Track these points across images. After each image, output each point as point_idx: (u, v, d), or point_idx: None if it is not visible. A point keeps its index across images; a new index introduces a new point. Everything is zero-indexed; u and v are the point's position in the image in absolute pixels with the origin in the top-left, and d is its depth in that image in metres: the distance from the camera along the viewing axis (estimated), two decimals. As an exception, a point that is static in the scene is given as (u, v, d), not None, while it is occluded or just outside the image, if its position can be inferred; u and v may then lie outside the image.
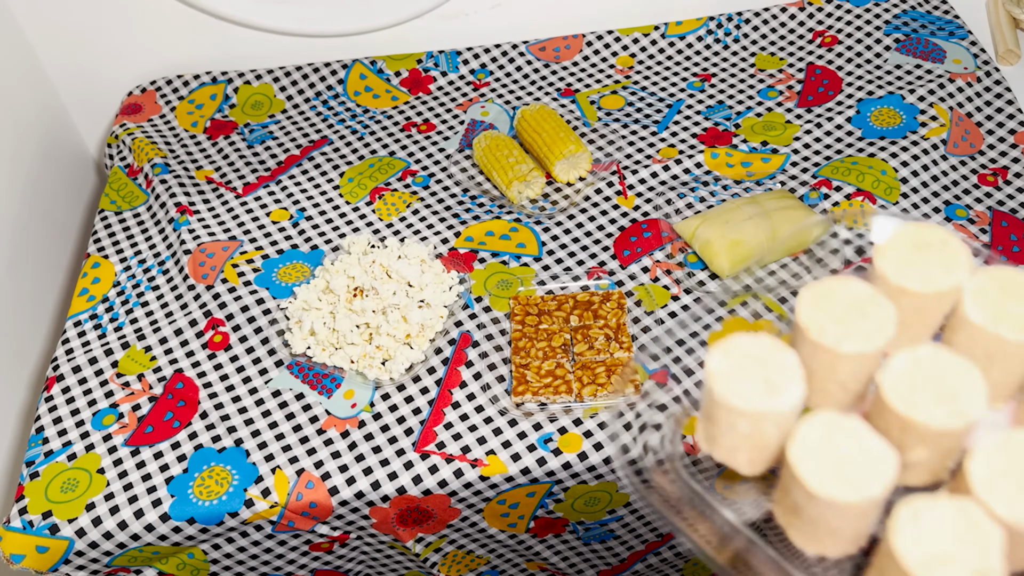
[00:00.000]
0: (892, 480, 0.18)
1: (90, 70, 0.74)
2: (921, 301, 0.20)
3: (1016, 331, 0.19)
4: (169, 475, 0.49)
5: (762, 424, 0.20)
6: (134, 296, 0.60)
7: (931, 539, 0.17)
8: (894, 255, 0.20)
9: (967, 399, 0.18)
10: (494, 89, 0.72)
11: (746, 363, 0.20)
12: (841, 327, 0.20)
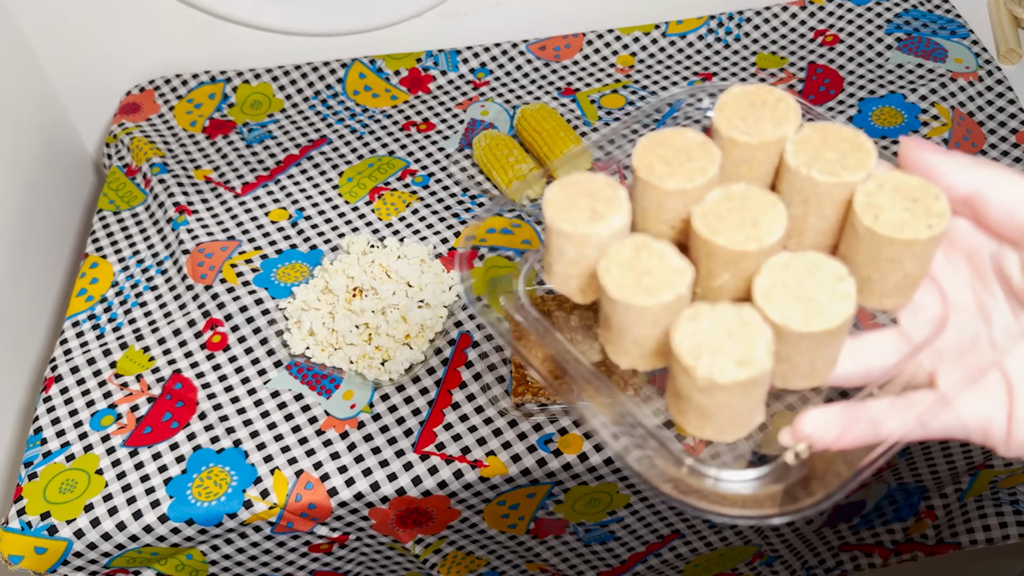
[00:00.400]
0: (685, 291, 0.21)
1: (88, 69, 0.74)
2: (749, 151, 0.22)
3: (826, 174, 0.21)
4: (168, 476, 0.49)
5: (586, 248, 0.22)
6: (132, 296, 0.59)
7: (705, 334, 0.20)
8: (730, 111, 0.23)
9: (766, 227, 0.21)
10: (494, 88, 0.72)
11: (579, 196, 0.22)
12: (667, 167, 0.22)
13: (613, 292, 0.21)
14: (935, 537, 0.61)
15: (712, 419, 0.21)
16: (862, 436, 0.21)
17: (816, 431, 0.21)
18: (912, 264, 0.21)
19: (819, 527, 0.58)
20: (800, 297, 0.20)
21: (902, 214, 0.20)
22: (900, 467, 0.54)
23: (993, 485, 0.58)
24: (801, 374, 0.21)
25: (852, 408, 0.21)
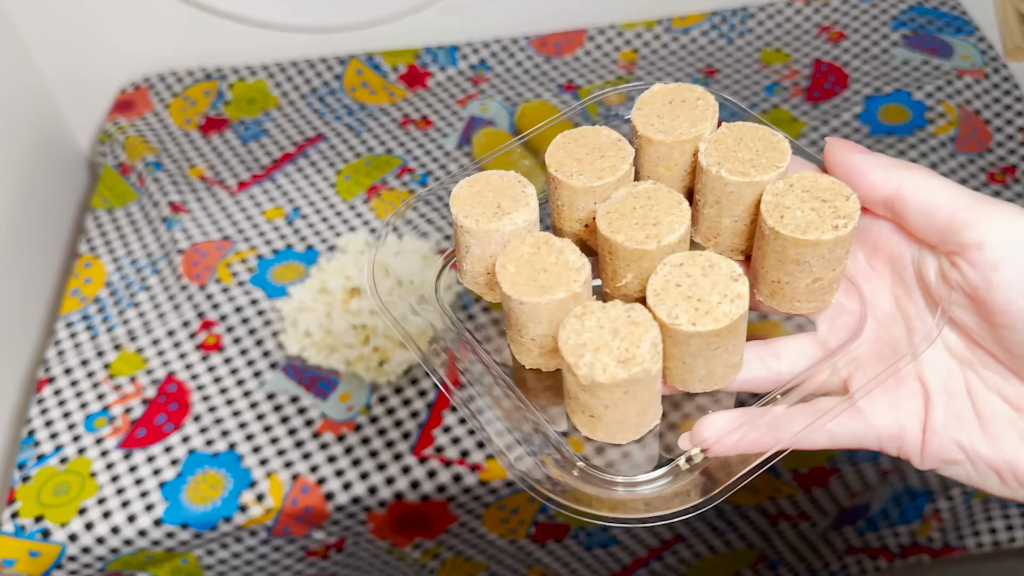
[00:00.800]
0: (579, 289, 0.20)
1: (82, 66, 0.73)
2: (665, 150, 0.22)
3: (736, 173, 0.21)
4: (162, 479, 0.48)
5: (490, 245, 0.22)
6: (126, 296, 0.59)
7: (590, 332, 0.19)
8: (648, 109, 0.23)
9: (667, 226, 0.20)
10: (493, 85, 0.71)
11: (486, 192, 0.23)
12: (579, 164, 0.22)
13: (507, 289, 0.21)
14: (941, 540, 0.60)
15: (601, 420, 0.20)
16: (761, 442, 0.20)
17: (714, 436, 0.21)
18: (820, 267, 0.20)
19: (824, 530, 0.57)
20: (691, 296, 0.20)
21: (808, 215, 0.20)
22: (906, 470, 0.53)
23: (999, 488, 0.58)
24: (698, 377, 0.21)
25: (752, 414, 0.21)
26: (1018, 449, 0.19)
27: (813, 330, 0.23)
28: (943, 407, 0.20)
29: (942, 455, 0.20)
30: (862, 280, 0.22)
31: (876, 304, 0.21)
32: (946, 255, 0.19)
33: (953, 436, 0.20)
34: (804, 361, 0.22)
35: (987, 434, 0.19)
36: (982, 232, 0.18)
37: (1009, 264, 0.18)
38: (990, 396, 0.20)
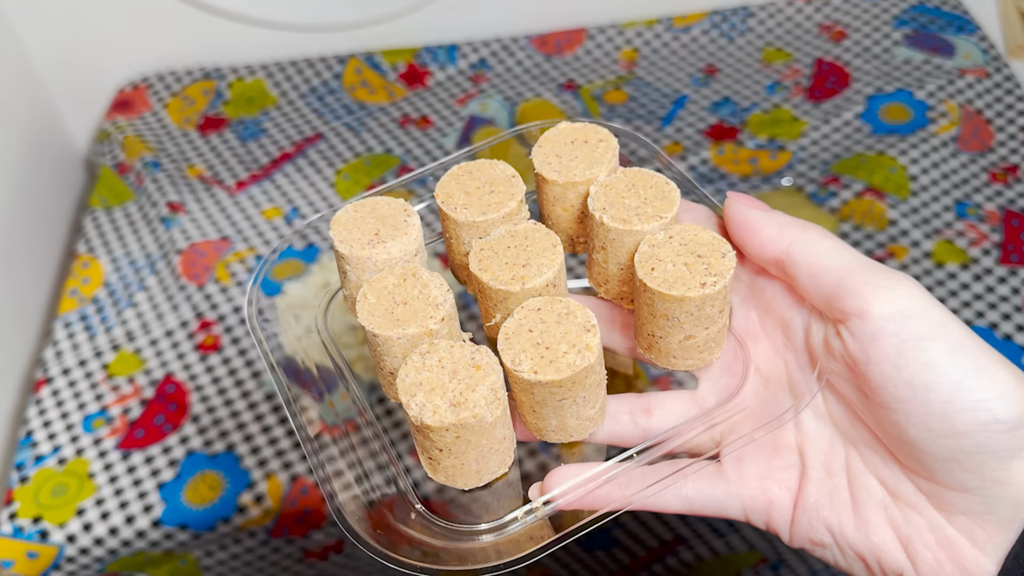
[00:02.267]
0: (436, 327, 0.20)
1: (80, 66, 0.73)
2: (560, 190, 0.22)
3: (617, 220, 0.20)
4: (160, 480, 0.48)
5: (363, 273, 0.22)
6: (124, 296, 0.58)
7: (430, 371, 0.19)
8: (548, 147, 0.22)
9: (536, 268, 0.20)
10: (493, 84, 0.71)
11: (368, 218, 0.22)
12: (467, 198, 0.22)
13: (363, 319, 0.20)
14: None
15: (439, 463, 0.20)
16: (606, 498, 0.20)
17: (557, 491, 0.20)
18: (690, 324, 0.19)
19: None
20: (539, 344, 0.19)
21: (680, 269, 0.19)
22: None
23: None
24: (551, 427, 0.20)
25: (603, 469, 0.20)
26: (885, 537, 0.18)
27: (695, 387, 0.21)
28: (817, 483, 0.19)
29: (810, 535, 0.19)
30: (751, 341, 0.21)
31: (763, 367, 0.20)
32: (832, 322, 0.18)
33: (823, 516, 0.19)
34: (674, 419, 0.21)
35: (857, 518, 0.18)
36: (865, 301, 0.17)
37: (887, 338, 0.17)
38: (867, 477, 0.19)
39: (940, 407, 0.16)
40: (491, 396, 0.18)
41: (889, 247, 0.56)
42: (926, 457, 0.17)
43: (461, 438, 0.19)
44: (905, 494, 0.18)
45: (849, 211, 0.59)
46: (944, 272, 0.55)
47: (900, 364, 0.17)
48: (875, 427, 0.18)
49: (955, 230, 0.57)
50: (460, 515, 0.20)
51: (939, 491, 0.17)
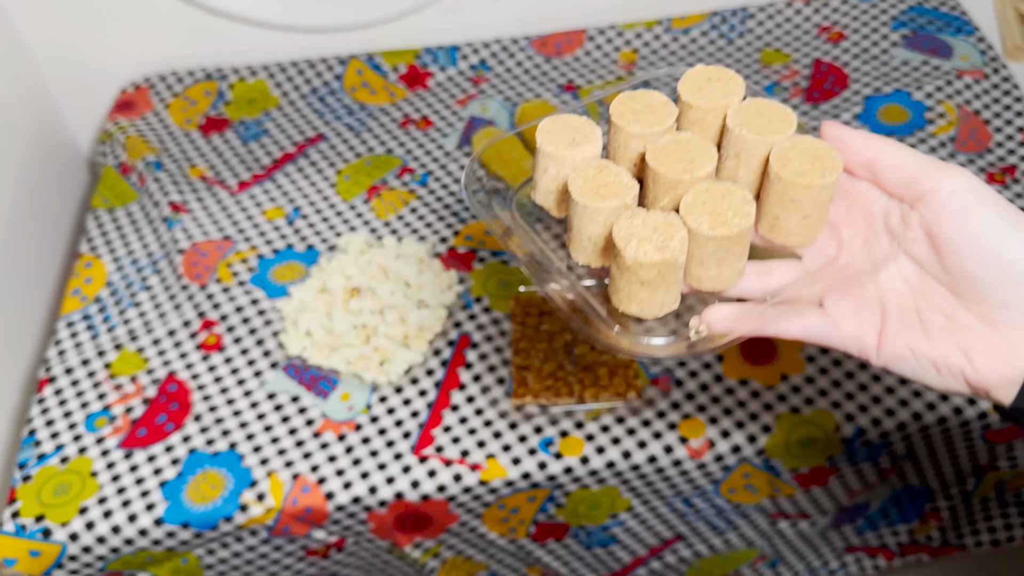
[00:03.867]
0: (630, 201, 0.27)
1: (83, 67, 0.73)
2: (701, 114, 0.28)
3: (754, 133, 0.27)
4: (163, 479, 0.48)
5: (563, 168, 0.29)
6: (127, 296, 0.59)
7: (636, 227, 0.26)
8: (691, 83, 0.29)
9: (699, 164, 0.27)
10: (494, 85, 0.71)
11: (564, 128, 0.29)
12: (635, 116, 0.29)
13: (576, 195, 0.27)
14: (940, 539, 0.60)
15: (635, 297, 0.27)
16: (751, 328, 0.27)
17: (716, 320, 0.27)
18: (810, 206, 0.27)
19: (823, 529, 0.57)
20: (712, 211, 0.26)
21: (804, 165, 0.26)
22: (905, 469, 0.53)
23: (999, 487, 0.58)
24: (710, 277, 0.28)
25: (747, 307, 0.27)
26: (950, 348, 0.26)
27: (797, 259, 0.29)
28: (896, 319, 0.27)
29: (893, 353, 0.26)
30: (841, 226, 0.28)
31: (850, 245, 0.28)
32: (909, 202, 0.26)
33: (902, 339, 0.26)
34: (790, 279, 0.28)
35: (927, 338, 0.26)
36: (936, 182, 0.25)
37: (952, 206, 0.25)
38: (932, 312, 0.26)
39: (992, 249, 0.24)
40: (683, 244, 0.26)
41: (887, 247, 0.57)
42: (979, 285, 0.25)
43: (660, 274, 0.26)
44: (962, 319, 0.26)
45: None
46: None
47: (963, 222, 0.24)
48: (940, 274, 0.26)
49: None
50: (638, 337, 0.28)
51: (988, 311, 0.25)
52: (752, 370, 0.51)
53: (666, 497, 0.51)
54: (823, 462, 0.50)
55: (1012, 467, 0.55)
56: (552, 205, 0.30)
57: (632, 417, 0.50)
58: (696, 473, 0.49)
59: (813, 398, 0.50)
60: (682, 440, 0.49)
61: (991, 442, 0.51)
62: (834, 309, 0.27)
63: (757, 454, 0.49)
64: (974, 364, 0.25)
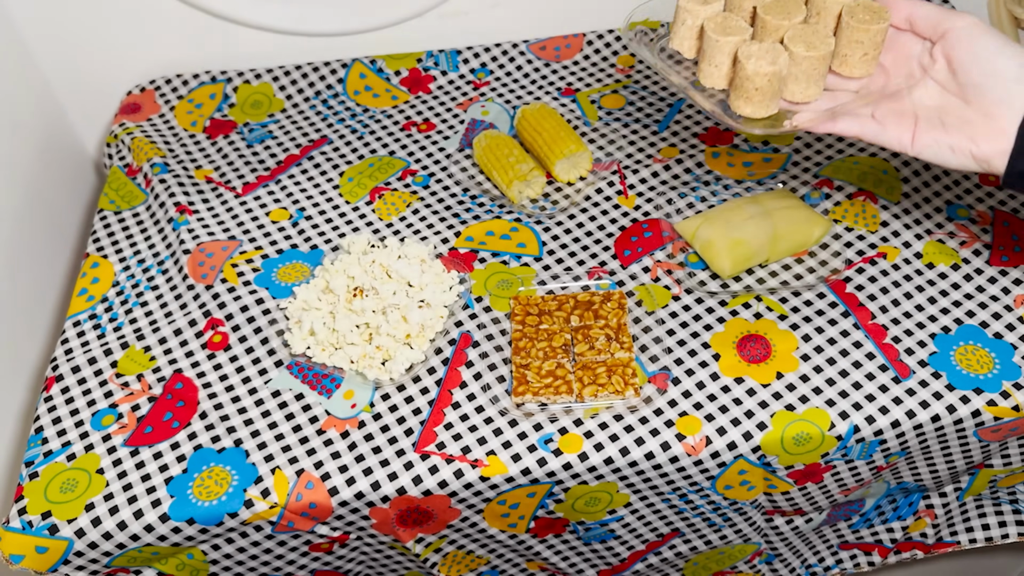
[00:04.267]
0: (747, 37, 0.41)
1: (88, 69, 0.74)
2: None
3: None
4: (168, 475, 0.49)
5: (697, 20, 0.42)
6: (133, 296, 0.59)
7: (753, 50, 0.39)
8: None
9: (795, 14, 0.40)
10: (494, 88, 0.72)
11: None
12: None
13: (710, 32, 0.40)
14: (934, 536, 0.61)
15: (751, 101, 0.40)
16: (825, 127, 0.41)
17: (803, 120, 0.41)
18: (868, 45, 0.40)
19: (819, 525, 0.58)
20: (805, 42, 0.40)
21: (865, 16, 0.40)
22: (900, 467, 0.54)
23: (992, 484, 0.59)
24: (800, 91, 0.41)
25: (823, 112, 0.41)
26: (961, 137, 0.38)
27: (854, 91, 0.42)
28: (924, 122, 0.39)
29: (923, 143, 0.39)
30: (888, 66, 0.41)
31: (894, 76, 0.41)
32: (935, 40, 0.39)
33: (930, 135, 0.39)
34: (847, 98, 0.41)
35: (946, 131, 0.39)
36: (952, 21, 0.38)
37: (966, 37, 0.38)
38: (948, 115, 0.39)
39: (989, 62, 0.37)
40: (786, 61, 0.39)
41: (881, 248, 0.58)
42: (981, 90, 0.37)
43: (770, 82, 0.39)
44: (969, 116, 0.38)
45: (841, 212, 0.60)
46: (935, 272, 0.56)
47: (969, 46, 0.37)
48: (954, 87, 0.39)
49: (946, 231, 0.58)
50: None
51: (987, 107, 0.37)
52: (748, 368, 0.52)
53: (663, 493, 0.51)
54: (818, 459, 0.50)
55: (1006, 464, 0.56)
56: (686, 48, 0.43)
57: (630, 415, 0.50)
58: (693, 469, 0.50)
59: (808, 396, 0.51)
60: (679, 437, 0.49)
61: (984, 440, 0.51)
62: (882, 118, 0.40)
63: (753, 451, 0.49)
64: (978, 144, 0.37)
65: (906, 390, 0.50)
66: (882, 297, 0.55)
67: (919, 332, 0.53)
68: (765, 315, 0.55)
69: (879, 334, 0.53)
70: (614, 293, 0.55)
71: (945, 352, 0.52)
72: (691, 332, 0.54)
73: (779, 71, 0.38)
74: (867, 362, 0.52)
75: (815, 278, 0.56)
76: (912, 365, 0.51)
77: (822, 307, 0.55)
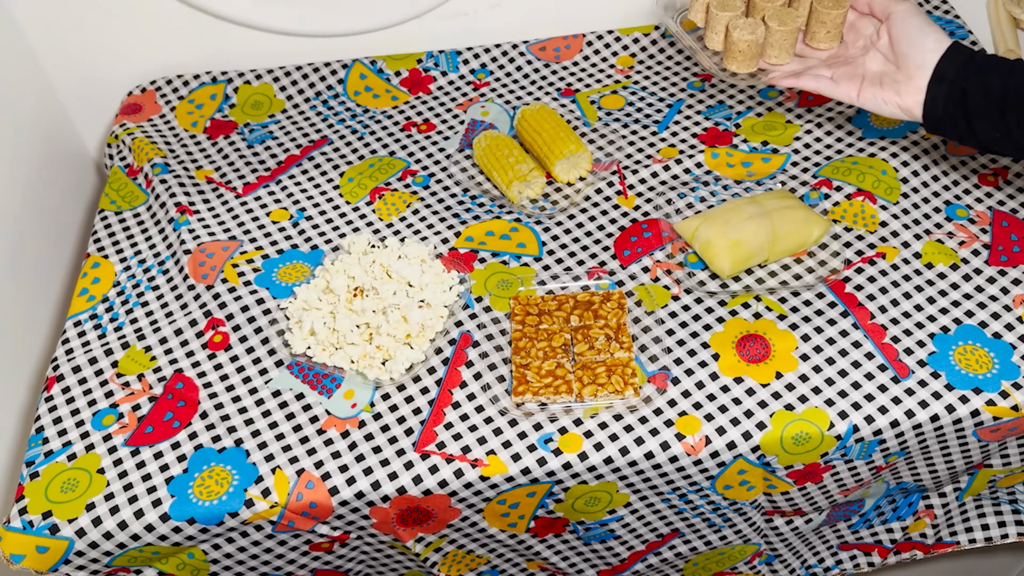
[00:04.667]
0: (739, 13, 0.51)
1: (90, 70, 0.74)
2: None
3: None
4: (169, 475, 0.49)
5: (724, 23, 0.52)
6: (134, 296, 0.60)
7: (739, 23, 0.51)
8: None
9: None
10: (494, 89, 0.72)
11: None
12: None
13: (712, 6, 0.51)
14: (934, 536, 0.61)
15: (735, 60, 0.51)
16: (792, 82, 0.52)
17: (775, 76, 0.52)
18: (831, 25, 0.51)
19: (818, 526, 0.58)
20: (779, 19, 0.50)
21: (830, 2, 0.50)
22: (899, 467, 0.54)
23: (992, 484, 0.59)
24: (775, 56, 0.52)
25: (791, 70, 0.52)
26: (891, 92, 0.49)
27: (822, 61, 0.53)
28: (869, 81, 0.50)
29: (865, 96, 0.50)
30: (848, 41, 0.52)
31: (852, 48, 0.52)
32: (882, 19, 0.50)
33: (871, 91, 0.50)
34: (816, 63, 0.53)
35: (882, 88, 0.50)
36: (895, 6, 0.49)
37: (901, 16, 0.49)
38: (886, 77, 0.50)
39: (914, 37, 0.48)
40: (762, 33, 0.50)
41: (880, 248, 0.58)
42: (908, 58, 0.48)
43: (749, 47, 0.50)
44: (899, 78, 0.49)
45: (841, 212, 0.60)
46: (934, 272, 0.56)
47: (904, 25, 0.48)
48: (891, 57, 0.50)
49: (945, 231, 0.58)
50: None
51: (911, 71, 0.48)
52: (747, 368, 0.52)
53: (663, 493, 0.52)
54: (817, 459, 0.50)
55: (1005, 464, 0.56)
56: (699, 18, 0.53)
57: (629, 414, 0.50)
58: (692, 469, 0.50)
59: (807, 396, 0.51)
60: (679, 437, 0.49)
61: (984, 440, 0.51)
62: (837, 79, 0.51)
63: (752, 451, 0.50)
64: (902, 98, 0.49)
65: (905, 390, 0.50)
66: (881, 297, 0.55)
67: (918, 332, 0.53)
68: (764, 315, 0.55)
69: (878, 334, 0.53)
70: (614, 293, 0.55)
71: (944, 352, 0.52)
72: (690, 332, 0.54)
73: (756, 40, 0.50)
74: (866, 362, 0.52)
75: (814, 278, 0.56)
76: (911, 365, 0.51)
77: (821, 307, 0.55)
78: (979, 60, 0.47)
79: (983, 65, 0.46)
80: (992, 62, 0.47)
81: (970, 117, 0.47)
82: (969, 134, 0.48)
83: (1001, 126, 0.46)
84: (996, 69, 0.46)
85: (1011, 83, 0.45)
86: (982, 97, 0.46)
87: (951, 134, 0.49)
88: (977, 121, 0.47)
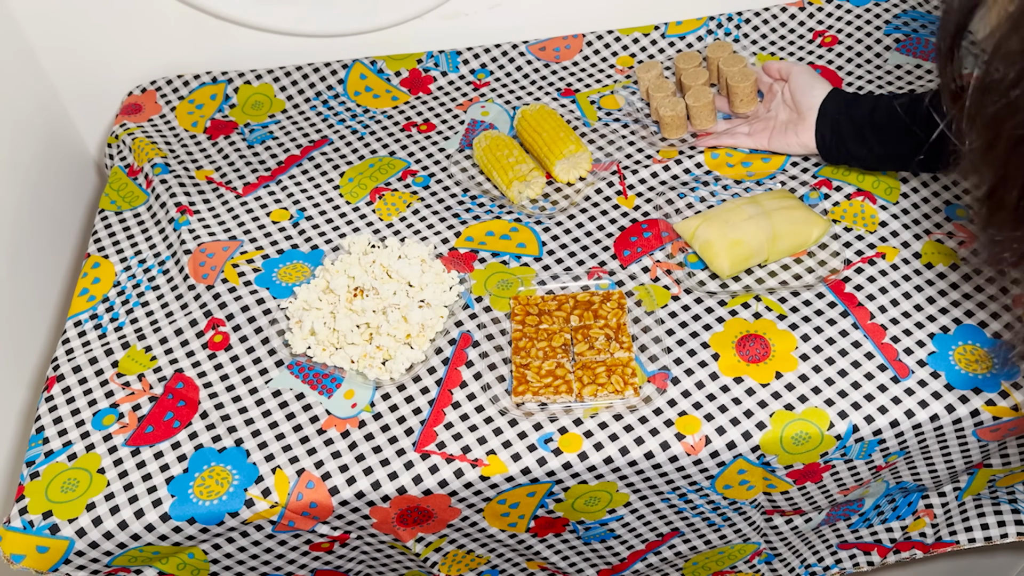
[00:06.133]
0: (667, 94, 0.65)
1: (90, 70, 0.74)
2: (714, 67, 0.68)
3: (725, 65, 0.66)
4: (169, 475, 0.49)
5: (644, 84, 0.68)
6: (134, 296, 0.60)
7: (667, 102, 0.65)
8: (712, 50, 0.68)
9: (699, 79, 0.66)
10: (494, 89, 0.72)
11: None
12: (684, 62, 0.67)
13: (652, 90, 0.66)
14: (933, 535, 0.61)
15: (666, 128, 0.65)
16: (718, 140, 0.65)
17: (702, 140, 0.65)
18: (743, 95, 0.64)
19: (818, 525, 0.58)
20: (695, 96, 0.64)
21: (740, 77, 0.64)
22: (899, 467, 0.54)
23: (991, 484, 0.59)
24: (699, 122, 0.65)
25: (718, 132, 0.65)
26: (793, 135, 0.61)
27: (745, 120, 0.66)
28: (778, 129, 0.62)
29: (775, 141, 0.62)
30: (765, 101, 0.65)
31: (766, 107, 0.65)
32: (785, 79, 0.62)
33: (779, 136, 0.62)
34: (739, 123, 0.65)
35: (785, 133, 0.61)
36: (791, 69, 0.62)
37: (796, 75, 0.61)
38: (788, 124, 0.61)
39: (805, 90, 0.60)
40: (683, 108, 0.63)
41: (880, 248, 0.58)
42: (802, 107, 0.60)
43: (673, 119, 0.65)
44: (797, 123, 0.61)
45: (840, 212, 0.60)
46: (934, 272, 0.56)
47: (797, 82, 0.61)
48: (793, 106, 0.61)
49: (944, 231, 0.58)
50: None
51: (805, 116, 0.60)
52: (747, 368, 0.52)
53: (663, 493, 0.52)
54: (817, 458, 0.50)
55: (1004, 464, 0.56)
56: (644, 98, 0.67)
57: (629, 414, 0.50)
58: (692, 469, 0.50)
59: (807, 395, 0.51)
60: (678, 437, 0.50)
61: (983, 439, 0.51)
62: (753, 132, 0.63)
63: (752, 450, 0.50)
64: (800, 137, 0.60)
65: (905, 390, 0.50)
66: (881, 297, 0.55)
67: (918, 332, 0.53)
68: (764, 315, 0.55)
69: (878, 334, 0.53)
70: (613, 293, 0.55)
71: (944, 352, 0.52)
72: (690, 332, 0.54)
73: (678, 114, 0.63)
74: (866, 362, 0.52)
75: (814, 278, 0.56)
76: (911, 365, 0.51)
77: (821, 307, 0.55)
78: (850, 98, 0.58)
79: (853, 101, 0.58)
80: (862, 98, 0.58)
81: (845, 142, 0.58)
82: (849, 156, 0.59)
83: (867, 146, 0.57)
84: (861, 102, 0.57)
85: (873, 112, 0.56)
86: (851, 125, 0.57)
87: (837, 159, 0.60)
88: (851, 144, 0.58)
